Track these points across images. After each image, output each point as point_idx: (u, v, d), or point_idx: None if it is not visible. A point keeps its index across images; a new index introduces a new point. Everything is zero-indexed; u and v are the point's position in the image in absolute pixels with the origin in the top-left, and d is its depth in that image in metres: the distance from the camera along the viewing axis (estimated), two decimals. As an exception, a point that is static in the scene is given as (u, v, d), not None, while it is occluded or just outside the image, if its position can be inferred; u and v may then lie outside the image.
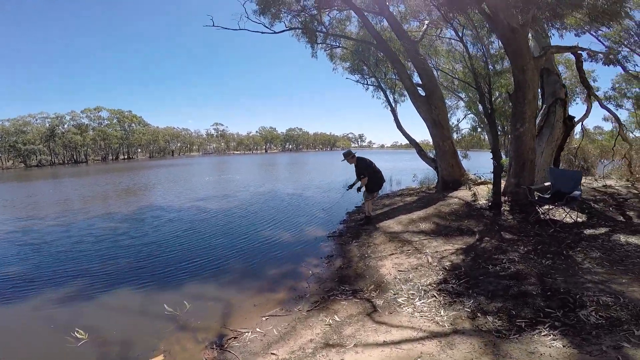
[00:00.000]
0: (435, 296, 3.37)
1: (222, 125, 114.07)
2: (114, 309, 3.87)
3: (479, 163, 15.88)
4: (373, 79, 13.68)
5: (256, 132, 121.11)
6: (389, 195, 10.24)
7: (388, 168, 24.63)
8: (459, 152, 9.75)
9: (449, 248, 4.78)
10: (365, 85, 14.65)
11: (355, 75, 14.37)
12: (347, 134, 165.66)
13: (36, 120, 66.13)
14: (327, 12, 11.74)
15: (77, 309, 3.83)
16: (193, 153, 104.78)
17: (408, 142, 11.62)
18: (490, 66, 9.02)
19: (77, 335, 3.08)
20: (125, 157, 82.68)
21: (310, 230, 6.72)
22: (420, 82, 9.17)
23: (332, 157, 56.70)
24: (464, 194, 7.55)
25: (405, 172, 19.36)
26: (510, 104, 6.69)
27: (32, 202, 13.16)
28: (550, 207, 5.70)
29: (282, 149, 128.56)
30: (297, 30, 11.42)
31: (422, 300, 3.31)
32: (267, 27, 10.44)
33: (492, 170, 6.54)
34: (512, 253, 4.32)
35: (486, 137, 21.08)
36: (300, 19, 11.08)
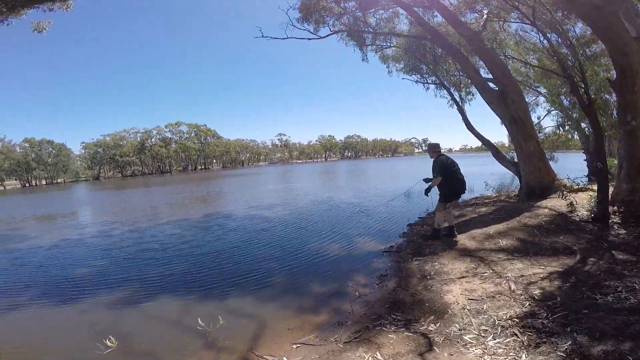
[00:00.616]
0: (516, 334, 2.52)
1: (285, 135, 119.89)
2: (153, 317, 3.79)
3: (567, 166, 13.37)
4: (434, 78, 12.53)
5: (316, 140, 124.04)
6: (459, 205, 8.95)
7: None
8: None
9: (538, 272, 3.71)
10: (425, 85, 13.56)
11: (413, 75, 13.39)
12: (410, 139, 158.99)
13: (129, 134, 77.44)
14: (372, 13, 11.10)
15: (120, 315, 3.84)
16: (260, 163, 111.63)
17: (481, 143, 10.17)
18: (579, 51, 7.34)
19: (108, 343, 3.04)
20: (202, 167, 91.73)
21: (364, 243, 6.01)
22: (491, 76, 7.92)
23: (393, 163, 54.54)
24: (555, 203, 6.10)
25: (478, 177, 17.31)
26: (611, 93, 5.20)
27: (120, 208, 14.99)
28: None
29: (341, 156, 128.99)
30: (342, 33, 10.99)
31: (498, 340, 2.50)
32: (312, 33, 10.28)
33: (587, 174, 5.13)
34: (631, 279, 3.23)
35: (575, 135, 17.74)
36: (343, 21, 10.66)
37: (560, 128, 16.33)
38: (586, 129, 15.41)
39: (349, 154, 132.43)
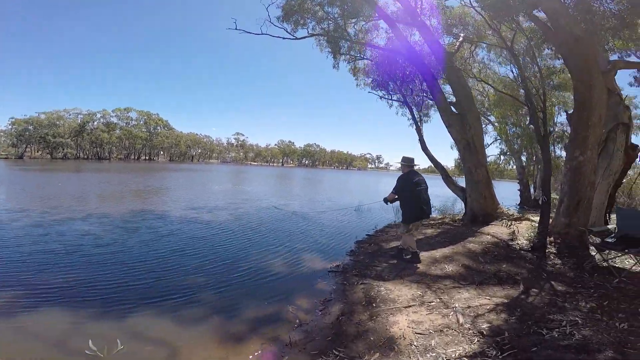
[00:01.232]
0: (467, 378, 2.26)
1: (243, 135, 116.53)
2: (30, 335, 2.98)
3: (502, 193, 14.48)
4: (399, 95, 12.84)
5: (275, 144, 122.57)
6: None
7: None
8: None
9: (485, 302, 3.61)
10: (389, 102, 13.83)
11: (380, 91, 13.62)
12: (365, 154, 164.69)
13: (69, 115, 69.22)
14: (352, 23, 11.29)
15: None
16: (212, 160, 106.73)
17: (433, 165, 10.46)
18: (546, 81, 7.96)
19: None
20: (147, 158, 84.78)
21: (310, 260, 5.54)
22: (454, 100, 8.22)
23: (348, 177, 55.64)
24: (497, 230, 6.31)
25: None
26: (566, 126, 5.54)
27: (31, 194, 12.77)
28: (619, 254, 4.47)
29: (298, 163, 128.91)
30: (319, 37, 10.91)
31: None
32: (289, 33, 10.15)
33: (518, 203, 5.37)
34: (572, 312, 3.28)
35: (513, 165, 19.47)
36: (323, 26, 10.60)
37: (501, 157, 17.79)
38: (526, 160, 16.98)
39: (307, 162, 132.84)
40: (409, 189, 4.75)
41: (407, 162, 4.96)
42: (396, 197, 5.03)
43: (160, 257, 5.38)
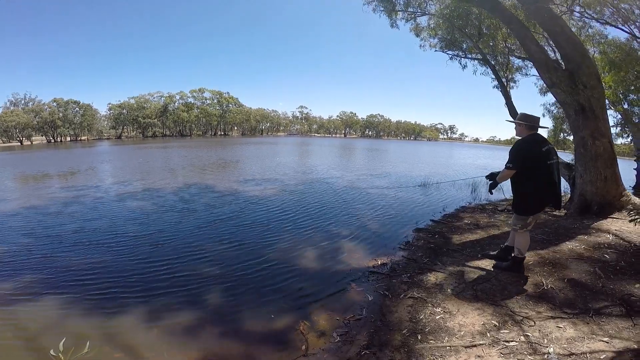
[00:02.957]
0: None
1: (306, 108, 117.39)
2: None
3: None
4: (475, 54, 10.48)
5: (337, 116, 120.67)
6: (484, 207, 7.26)
7: (478, 166, 20.24)
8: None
9: (601, 347, 2.29)
10: (462, 61, 11.43)
11: (450, 51, 11.31)
12: (435, 124, 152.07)
13: (153, 98, 77.59)
14: None
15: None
16: (279, 133, 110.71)
17: (513, 136, 8.25)
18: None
19: None
20: (222, 133, 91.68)
21: (350, 253, 4.51)
22: (558, 52, 6.02)
23: (416, 148, 51.63)
24: (623, 226, 4.43)
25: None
26: None
27: (138, 168, 14.20)
28: None
29: (361, 134, 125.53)
30: None
31: None
32: None
33: (633, 186, 3.64)
34: None
35: (626, 140, 15.13)
36: None
37: (613, 129, 13.90)
38: None
39: (370, 133, 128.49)
40: (535, 163, 3.06)
41: (530, 121, 3.19)
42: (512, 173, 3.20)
43: (178, 236, 5.02)
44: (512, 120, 3.41)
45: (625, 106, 11.79)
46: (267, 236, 5.15)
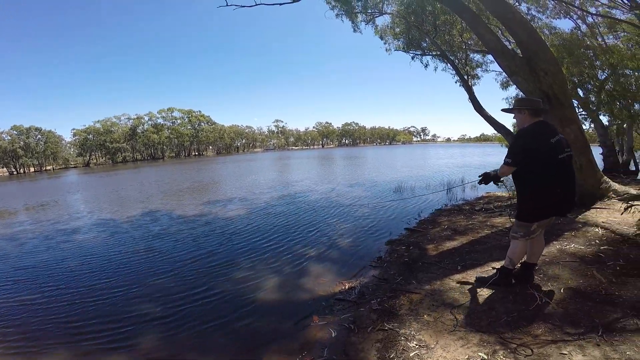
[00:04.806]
0: None
1: (282, 121, 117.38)
2: None
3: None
4: (434, 52, 10.49)
5: (313, 127, 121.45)
6: (460, 208, 6.90)
7: (454, 165, 20.35)
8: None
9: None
10: (423, 59, 11.45)
11: (411, 52, 11.38)
12: (408, 127, 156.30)
13: (120, 120, 74.73)
14: None
15: None
16: (256, 149, 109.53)
17: (494, 130, 8.09)
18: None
19: None
20: (196, 153, 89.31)
21: (316, 279, 3.85)
22: (513, 43, 5.89)
23: (392, 152, 52.13)
24: (609, 217, 4.10)
25: (481, 169, 15.32)
26: None
27: (109, 198, 12.93)
28: None
29: (338, 143, 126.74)
30: None
31: None
32: None
33: (603, 170, 3.26)
34: None
35: (588, 125, 15.79)
36: None
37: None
38: (608, 119, 13.59)
39: (347, 141, 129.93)
40: (541, 158, 2.46)
41: (530, 105, 2.60)
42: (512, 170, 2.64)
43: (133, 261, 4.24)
44: (509, 109, 2.80)
45: (581, 94, 12.18)
46: (223, 266, 4.44)
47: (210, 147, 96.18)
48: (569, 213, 2.79)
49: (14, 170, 58.10)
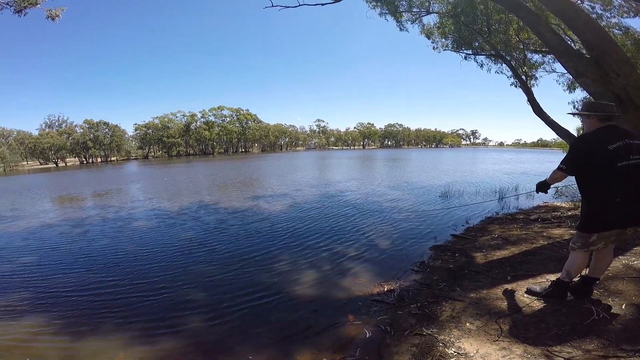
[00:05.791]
0: None
1: (323, 121, 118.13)
2: None
3: None
4: (489, 51, 9.90)
5: (354, 127, 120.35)
6: (514, 217, 6.50)
7: (508, 172, 19.03)
8: None
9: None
10: (477, 58, 10.84)
11: (462, 52, 10.81)
12: (457, 130, 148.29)
13: (176, 117, 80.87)
14: None
15: None
16: (298, 148, 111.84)
17: (556, 134, 7.50)
18: None
19: None
20: (243, 150, 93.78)
21: (354, 279, 3.87)
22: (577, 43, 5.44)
23: (438, 155, 50.03)
24: None
25: (537, 177, 14.17)
26: None
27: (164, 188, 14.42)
28: None
29: (380, 145, 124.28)
30: None
31: None
32: None
33: None
34: None
35: None
36: None
37: None
38: None
39: (390, 142, 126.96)
40: (598, 165, 2.33)
41: (600, 110, 2.45)
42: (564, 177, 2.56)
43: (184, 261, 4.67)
44: (577, 112, 2.72)
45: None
46: (265, 259, 4.69)
47: (256, 145, 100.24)
48: (638, 227, 2.55)
49: (84, 160, 65.92)
